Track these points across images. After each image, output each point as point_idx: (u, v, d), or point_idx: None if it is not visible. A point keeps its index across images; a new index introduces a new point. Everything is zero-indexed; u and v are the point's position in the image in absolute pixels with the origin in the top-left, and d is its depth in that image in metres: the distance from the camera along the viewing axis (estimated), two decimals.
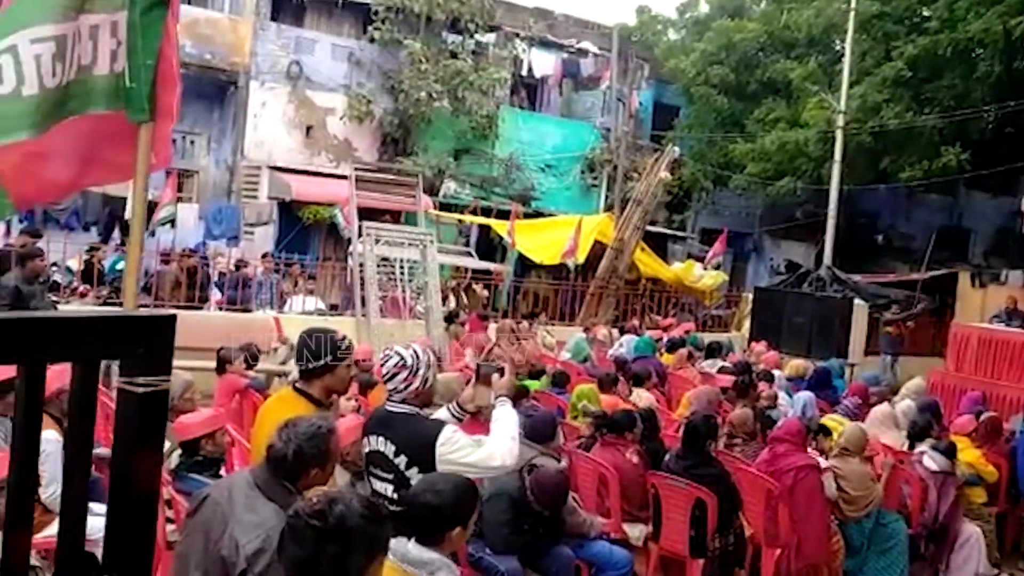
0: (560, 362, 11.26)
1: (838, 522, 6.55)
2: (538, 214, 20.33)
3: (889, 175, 19.78)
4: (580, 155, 22.27)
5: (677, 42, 24.11)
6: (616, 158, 21.93)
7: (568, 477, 5.70)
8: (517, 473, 5.39)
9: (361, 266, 12.61)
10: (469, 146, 20.37)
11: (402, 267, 13.09)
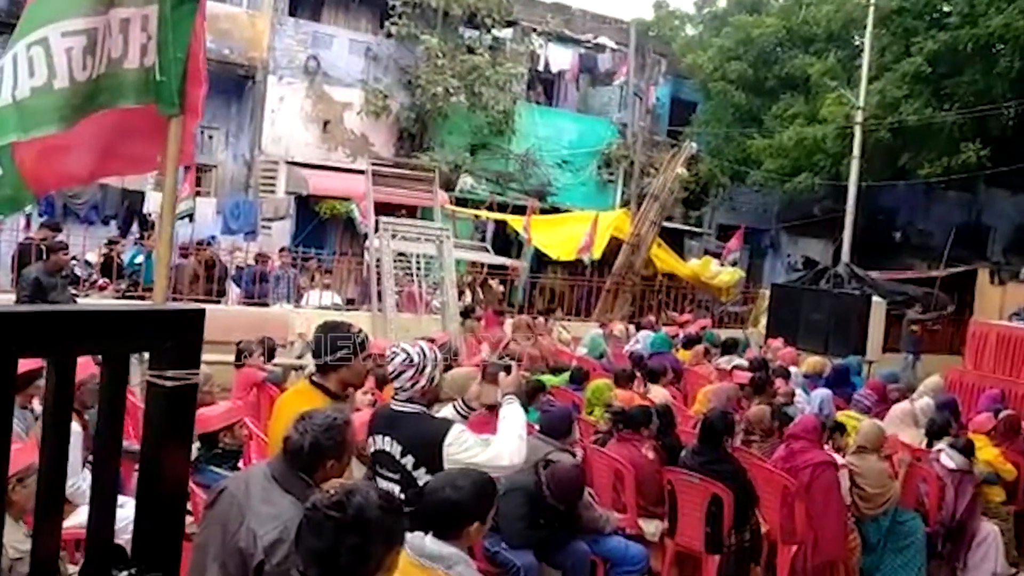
0: (576, 358, 11.25)
1: (855, 519, 6.53)
2: (554, 210, 20.30)
3: (908, 171, 19.65)
4: (597, 151, 22.21)
5: (695, 37, 24.01)
6: (633, 154, 21.87)
7: (584, 472, 5.71)
8: (533, 468, 5.41)
9: (378, 261, 12.65)
10: (486, 141, 20.36)
11: (418, 262, 13.13)
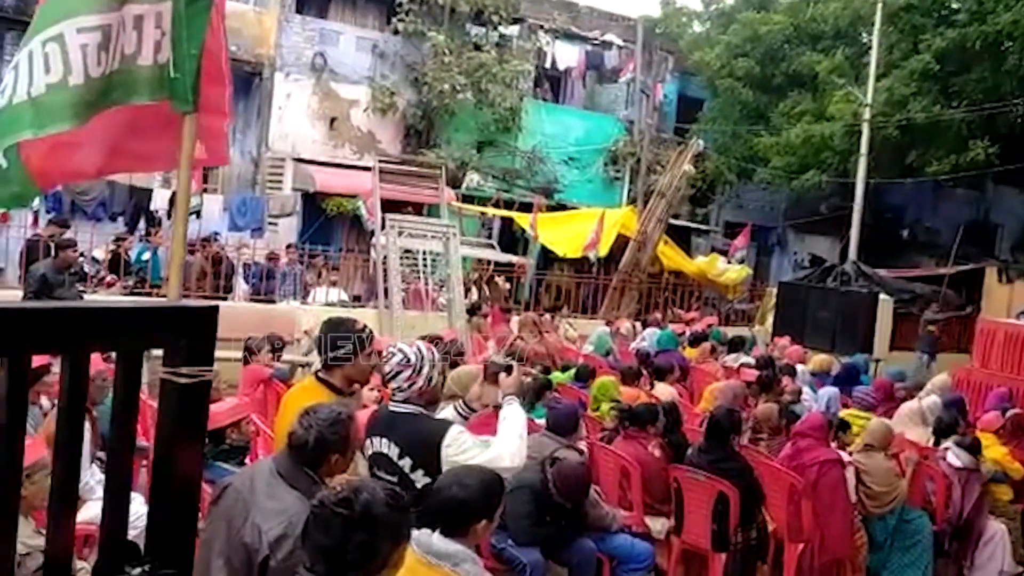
0: (583, 355, 11.26)
1: (861, 518, 6.52)
2: (561, 207, 20.31)
3: (916, 169, 19.60)
4: (603, 148, 22.20)
5: (702, 34, 23.96)
6: (640, 151, 21.84)
7: (590, 470, 5.71)
8: (539, 465, 5.41)
9: (384, 258, 12.66)
10: (492, 138, 20.35)
11: (425, 259, 13.14)
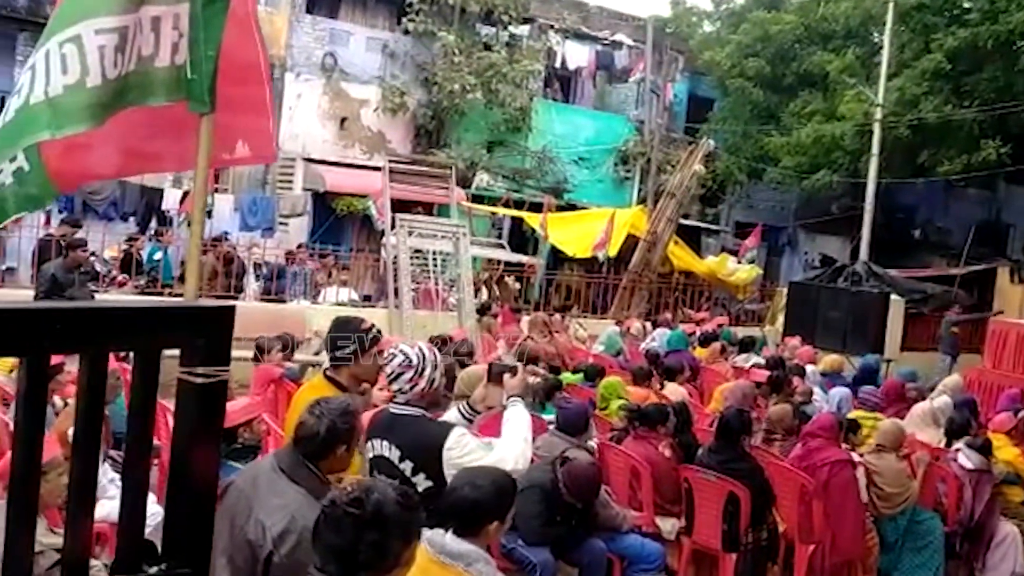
0: (592, 355, 11.25)
1: (872, 519, 6.50)
2: (571, 207, 20.30)
3: (927, 169, 19.52)
4: (613, 147, 22.18)
5: (712, 34, 23.90)
6: (650, 151, 21.81)
7: (600, 470, 5.71)
8: (550, 465, 5.42)
9: (394, 258, 12.70)
10: (502, 138, 20.36)
11: (435, 259, 13.17)
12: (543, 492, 5.23)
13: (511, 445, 3.55)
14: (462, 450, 3.49)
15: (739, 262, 18.82)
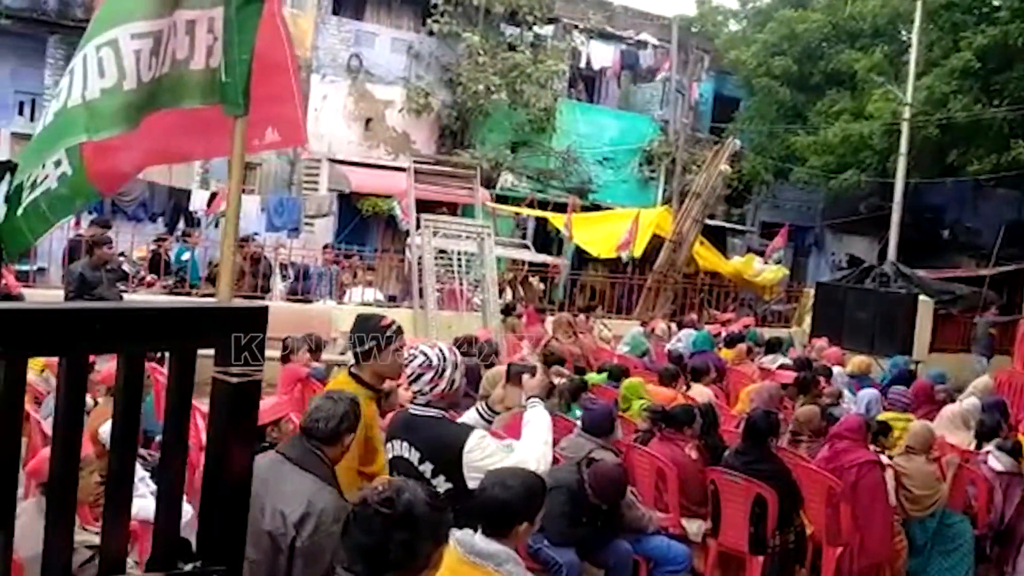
0: (617, 356, 11.23)
1: (901, 521, 6.45)
2: (595, 207, 20.27)
3: (956, 168, 19.33)
4: (638, 147, 22.13)
5: (738, 33, 23.78)
6: (675, 151, 21.74)
7: (626, 471, 5.69)
8: (576, 466, 5.42)
9: (419, 258, 12.73)
10: (526, 139, 20.36)
11: (459, 259, 13.19)
12: (569, 493, 5.23)
13: (532, 448, 3.54)
14: (482, 453, 3.48)
15: (766, 263, 18.71)
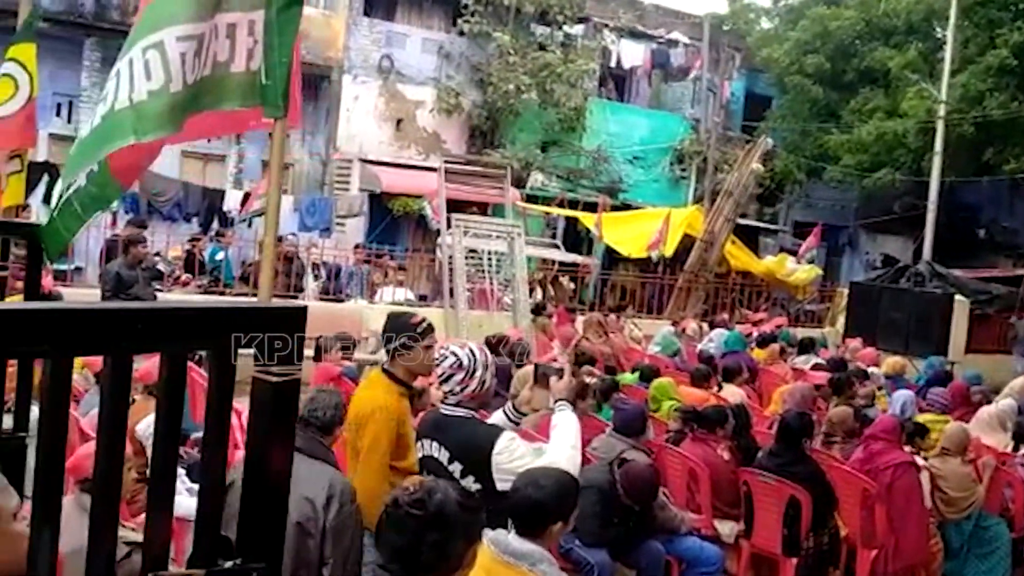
0: (648, 356, 11.19)
1: (937, 524, 6.38)
2: (626, 206, 20.22)
3: (992, 167, 19.11)
4: (669, 146, 22.05)
5: (770, 30, 23.66)
6: (706, 149, 21.62)
7: (658, 472, 5.67)
8: (607, 466, 5.41)
9: (449, 258, 12.76)
10: (557, 138, 20.35)
11: (490, 259, 13.21)
12: (600, 493, 5.22)
13: (561, 452, 3.51)
14: (511, 455, 3.48)
15: (799, 262, 18.57)
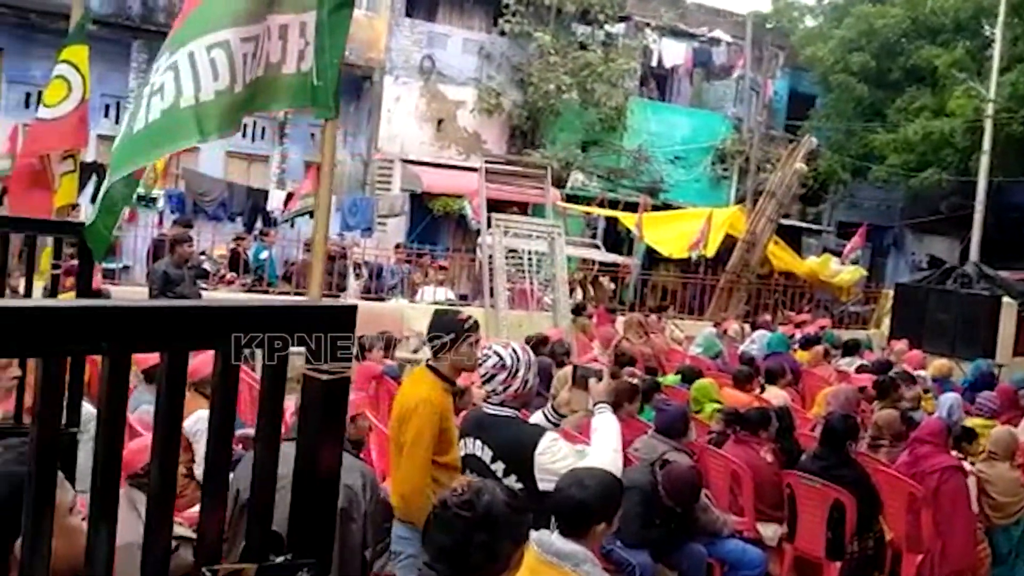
0: (689, 357, 11.12)
1: (984, 529, 6.27)
2: (667, 206, 20.12)
3: None
4: (711, 146, 21.91)
5: (814, 29, 23.43)
6: (749, 149, 21.45)
7: (700, 474, 5.64)
8: (649, 467, 5.38)
9: (490, 257, 12.78)
10: (597, 138, 20.32)
11: (530, 259, 13.22)
12: (642, 494, 5.20)
13: (603, 454, 3.53)
14: (553, 456, 3.50)
15: (843, 263, 18.35)
